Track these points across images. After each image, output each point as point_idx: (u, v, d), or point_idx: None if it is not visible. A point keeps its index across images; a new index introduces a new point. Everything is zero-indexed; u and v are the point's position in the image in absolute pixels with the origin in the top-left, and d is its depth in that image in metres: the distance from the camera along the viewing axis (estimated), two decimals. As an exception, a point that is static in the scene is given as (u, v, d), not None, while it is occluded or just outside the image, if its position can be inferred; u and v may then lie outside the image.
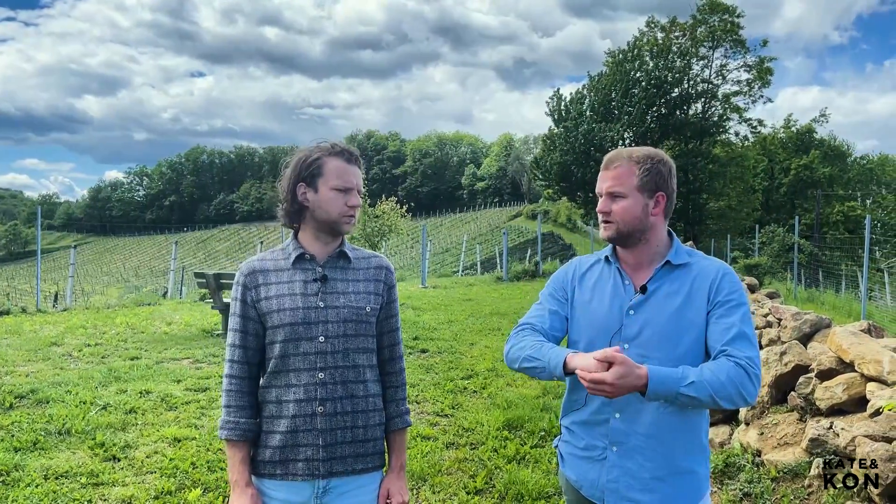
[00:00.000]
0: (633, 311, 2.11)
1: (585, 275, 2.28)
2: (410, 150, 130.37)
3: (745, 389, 1.92)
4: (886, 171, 62.80)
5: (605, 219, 2.15)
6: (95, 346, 9.05)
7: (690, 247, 2.29)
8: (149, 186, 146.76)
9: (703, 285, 2.08)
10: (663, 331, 2.06)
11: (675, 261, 2.14)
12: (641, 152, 2.14)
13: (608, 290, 2.19)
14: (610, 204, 2.13)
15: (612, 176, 2.13)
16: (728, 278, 2.10)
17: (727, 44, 42.37)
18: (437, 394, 6.85)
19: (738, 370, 1.93)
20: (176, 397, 6.45)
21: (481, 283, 20.47)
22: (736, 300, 2.06)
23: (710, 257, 2.20)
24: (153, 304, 14.50)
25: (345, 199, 2.19)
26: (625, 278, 2.18)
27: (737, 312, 2.04)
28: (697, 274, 2.12)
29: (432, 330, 10.66)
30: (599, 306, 2.17)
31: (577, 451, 2.21)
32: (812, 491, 4.03)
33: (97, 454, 4.92)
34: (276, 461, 2.16)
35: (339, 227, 2.21)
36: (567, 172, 37.84)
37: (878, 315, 14.81)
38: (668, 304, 2.08)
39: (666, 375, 1.90)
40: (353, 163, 2.22)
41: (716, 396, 1.89)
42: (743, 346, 1.98)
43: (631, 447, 2.08)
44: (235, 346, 2.22)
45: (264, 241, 41.31)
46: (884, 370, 4.18)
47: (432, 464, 4.93)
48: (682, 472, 2.08)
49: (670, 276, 2.13)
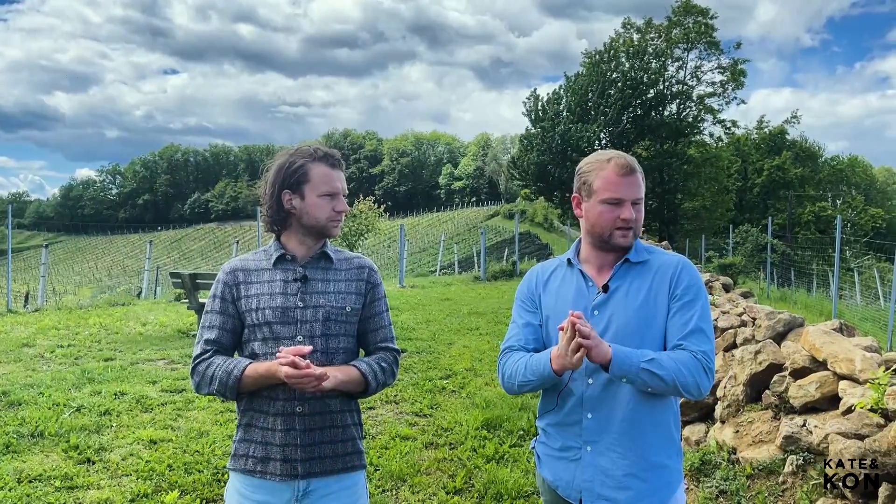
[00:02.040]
0: (597, 311, 2.15)
1: (548, 280, 2.31)
2: (387, 150, 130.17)
3: (700, 381, 2.01)
4: (856, 173, 64.01)
5: (627, 227, 2.15)
6: (68, 347, 8.91)
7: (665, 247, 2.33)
8: (122, 185, 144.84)
9: (664, 280, 2.13)
10: (627, 327, 2.10)
11: (635, 258, 2.18)
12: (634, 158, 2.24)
13: (572, 292, 2.23)
14: (634, 212, 2.15)
15: (639, 182, 2.17)
16: (686, 272, 2.15)
17: (701, 45, 42.92)
18: (416, 394, 6.85)
19: (696, 362, 2.01)
20: (151, 399, 6.38)
21: (459, 283, 20.50)
22: (693, 295, 2.11)
23: (669, 252, 2.25)
24: (127, 304, 14.31)
25: (332, 204, 2.21)
26: (587, 279, 2.21)
27: (694, 307, 2.10)
28: (657, 269, 2.16)
29: (410, 330, 10.65)
30: (565, 308, 2.17)
31: (553, 452, 2.24)
32: (786, 488, 4.10)
33: (71, 457, 4.85)
34: (257, 458, 2.16)
35: (328, 231, 2.24)
36: (544, 172, 38.01)
37: (848, 314, 15.08)
38: (630, 300, 2.13)
39: (629, 352, 1.99)
40: (337, 167, 2.23)
41: (676, 378, 1.97)
42: (699, 341, 2.06)
43: (604, 446, 2.11)
44: (209, 340, 2.20)
45: (240, 241, 41.02)
46: (856, 368, 4.26)
47: (411, 464, 4.93)
48: (654, 467, 2.11)
49: (630, 274, 2.17)
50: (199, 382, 2.18)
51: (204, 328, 2.23)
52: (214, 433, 5.48)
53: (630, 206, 2.13)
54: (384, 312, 2.35)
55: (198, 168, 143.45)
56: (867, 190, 65.58)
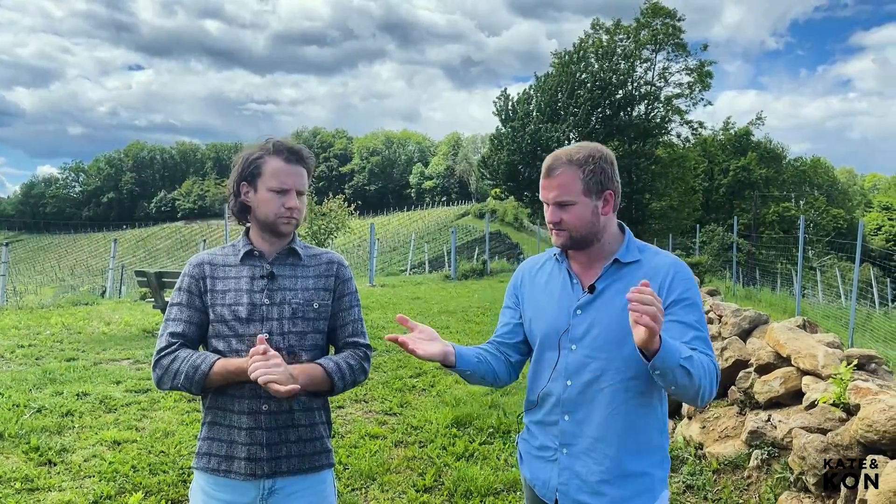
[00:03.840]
0: (580, 311, 2.06)
1: (537, 275, 2.24)
2: (357, 148, 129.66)
3: (714, 389, 1.92)
4: (818, 174, 65.33)
5: (557, 228, 2.06)
6: (29, 347, 8.71)
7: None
8: (85, 182, 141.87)
9: (654, 283, 1.99)
10: (609, 331, 1.99)
11: (625, 258, 2.06)
12: (581, 153, 2.02)
13: (557, 289, 2.14)
14: (559, 213, 2.03)
15: (556, 185, 2.02)
16: (680, 276, 2.02)
17: (669, 47, 43.41)
18: (386, 392, 6.82)
19: (715, 369, 1.91)
20: (115, 399, 6.26)
21: (429, 282, 20.47)
22: (691, 299, 1.99)
23: (662, 252, 2.11)
24: (91, 303, 14.03)
25: (281, 200, 2.14)
26: (573, 277, 2.11)
27: (693, 312, 1.98)
28: (647, 272, 2.02)
29: (380, 329, 10.61)
30: (549, 306, 2.13)
31: (533, 451, 2.19)
32: (751, 482, 4.16)
33: (32, 459, 4.73)
34: (221, 456, 2.12)
35: (277, 227, 2.18)
36: (514, 172, 38.18)
37: (811, 312, 15.37)
38: (615, 303, 2.00)
39: (673, 344, 1.81)
40: (294, 162, 2.17)
41: (703, 379, 1.84)
42: (705, 347, 1.94)
43: (580, 449, 2.05)
44: (174, 333, 2.15)
45: (207, 240, 40.46)
46: (818, 364, 4.33)
47: (381, 462, 4.90)
48: (631, 475, 2.02)
49: (619, 275, 2.05)
50: (160, 376, 2.11)
51: (169, 321, 2.18)
52: (180, 433, 5.39)
53: (556, 208, 2.03)
54: (354, 307, 2.31)
55: (164, 166, 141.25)
56: (829, 191, 67.03)
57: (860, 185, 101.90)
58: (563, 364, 2.06)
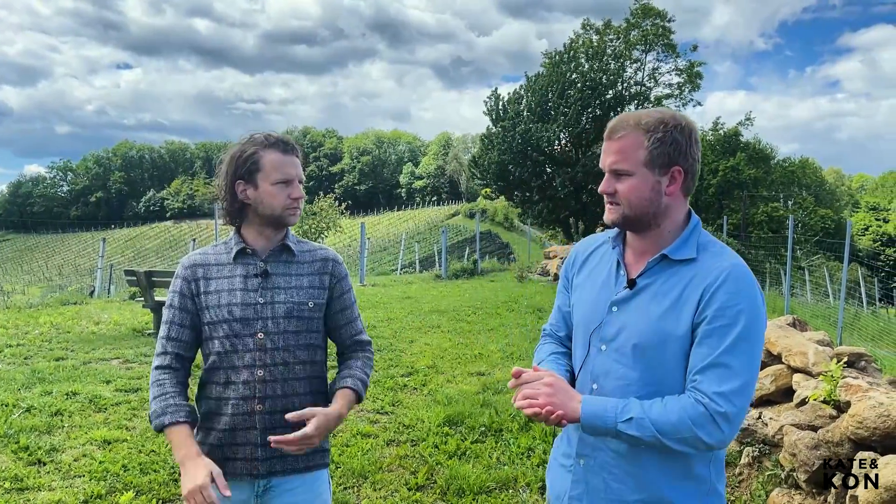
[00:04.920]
0: (616, 308, 1.79)
1: (590, 257, 1.97)
2: (348, 148, 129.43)
3: (705, 432, 1.60)
4: (807, 174, 65.69)
5: (612, 200, 1.78)
6: (17, 346, 8.64)
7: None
8: (73, 182, 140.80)
9: (695, 291, 1.69)
10: (640, 338, 1.73)
11: (675, 255, 1.75)
12: (653, 117, 1.74)
13: (602, 277, 1.88)
14: (614, 183, 1.76)
15: (616, 149, 1.74)
16: (727, 288, 1.66)
17: (659, 48, 43.62)
18: (377, 391, 6.81)
19: (697, 408, 1.61)
20: (105, 398, 6.22)
21: (420, 282, 20.45)
22: (726, 319, 1.64)
23: (727, 252, 1.76)
24: (79, 303, 13.93)
25: (287, 191, 2.13)
26: (621, 267, 1.84)
27: (724, 336, 1.63)
28: (696, 275, 1.71)
29: (371, 328, 10.59)
30: (589, 296, 1.89)
31: (559, 457, 1.97)
32: (743, 479, 4.18)
33: (21, 458, 4.70)
34: (215, 459, 2.10)
35: (284, 220, 2.17)
36: (505, 172, 38.17)
37: (800, 311, 15.47)
38: (653, 306, 1.73)
39: (602, 407, 1.65)
40: (290, 153, 2.15)
41: (662, 438, 1.61)
42: (715, 378, 1.62)
43: (598, 463, 1.80)
44: (170, 339, 2.15)
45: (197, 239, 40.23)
46: (809, 362, 4.36)
47: (373, 461, 4.90)
48: (655, 502, 1.74)
49: (665, 273, 1.76)
50: (150, 385, 2.17)
51: (164, 324, 2.18)
52: (171, 433, 5.36)
53: (611, 176, 1.77)
54: (353, 304, 2.33)
55: (153, 165, 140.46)
56: (817, 191, 67.42)
57: (848, 185, 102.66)
58: (591, 364, 1.83)
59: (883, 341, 14.62)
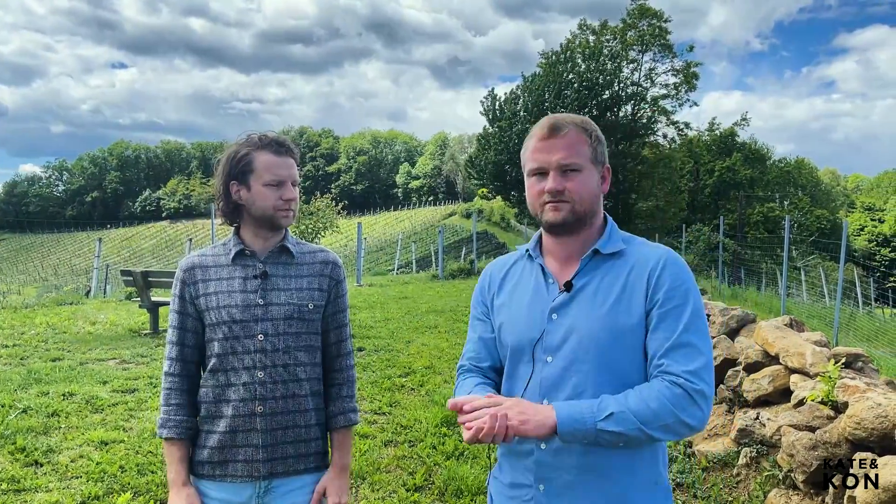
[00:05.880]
0: (556, 315, 1.73)
1: (506, 277, 1.92)
2: (344, 148, 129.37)
3: (687, 413, 1.57)
4: (802, 174, 65.86)
5: (558, 198, 1.73)
6: (13, 346, 8.62)
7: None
8: (69, 181, 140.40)
9: (640, 279, 1.69)
10: (592, 338, 1.67)
11: (606, 249, 1.75)
12: (583, 119, 1.80)
13: (529, 291, 1.82)
14: (562, 181, 1.72)
15: (564, 145, 1.72)
16: (670, 270, 1.69)
17: (655, 48, 43.64)
18: (375, 392, 6.81)
19: (674, 390, 1.57)
20: (102, 399, 6.20)
21: (417, 282, 20.44)
22: (678, 300, 1.66)
23: (651, 243, 1.80)
24: (75, 303, 13.90)
25: (278, 193, 2.12)
26: (548, 276, 1.79)
27: (680, 315, 1.64)
28: (634, 264, 1.72)
29: (368, 328, 10.59)
30: (518, 312, 1.80)
31: (504, 490, 1.83)
32: (740, 479, 4.19)
33: (18, 459, 4.68)
34: (215, 462, 2.11)
35: (277, 221, 2.15)
36: (501, 172, 38.22)
37: (796, 311, 15.50)
38: (597, 303, 1.69)
39: (577, 410, 1.56)
40: (283, 154, 2.14)
41: (646, 428, 1.55)
42: (682, 358, 1.60)
43: (562, 484, 1.70)
44: (174, 343, 2.16)
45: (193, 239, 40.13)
46: (806, 362, 4.37)
47: (371, 462, 4.90)
48: None
49: (600, 269, 1.74)
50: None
51: (169, 328, 2.20)
52: (168, 433, 5.35)
53: (558, 174, 1.72)
54: (346, 309, 2.33)
55: (149, 165, 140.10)
56: (813, 191, 67.59)
57: (843, 185, 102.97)
58: (538, 379, 1.72)
59: (878, 341, 14.65)
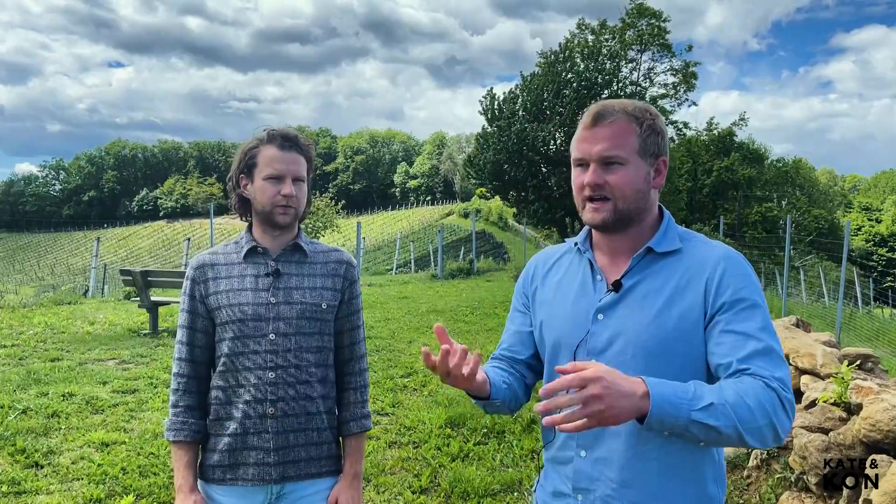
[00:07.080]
0: (602, 315, 1.61)
1: (551, 271, 1.79)
2: (342, 147, 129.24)
3: (780, 422, 1.38)
4: (800, 174, 65.89)
5: (599, 194, 1.58)
6: (12, 347, 8.55)
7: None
8: (66, 181, 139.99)
9: (697, 282, 1.55)
10: (639, 343, 1.54)
11: (660, 248, 1.60)
12: (636, 104, 1.61)
13: (575, 287, 1.69)
14: (602, 174, 1.57)
15: (606, 135, 1.56)
16: (734, 270, 1.54)
17: (654, 48, 43.70)
18: (377, 392, 6.75)
19: (769, 393, 1.38)
20: (102, 400, 6.14)
21: (416, 281, 20.40)
22: (749, 299, 1.51)
23: (711, 241, 1.64)
24: (74, 302, 13.82)
25: (277, 187, 2.05)
26: (596, 272, 1.66)
27: (753, 316, 1.49)
28: (690, 264, 1.58)
29: (369, 328, 10.54)
30: (562, 310, 1.68)
31: (548, 499, 1.72)
32: (751, 482, 4.14)
33: (18, 461, 4.63)
34: (225, 465, 2.05)
35: (273, 217, 2.07)
36: (500, 171, 38.15)
37: (796, 311, 15.47)
38: (647, 306, 1.56)
39: (673, 393, 1.31)
40: (288, 149, 2.08)
41: (741, 427, 1.33)
42: (769, 364, 1.43)
43: (600, 497, 1.59)
44: (183, 343, 2.11)
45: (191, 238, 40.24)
46: (817, 363, 4.33)
47: (375, 464, 4.84)
48: None
49: (653, 269, 1.60)
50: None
51: (179, 328, 2.14)
52: (170, 435, 5.30)
53: (599, 167, 1.57)
54: (360, 311, 2.28)
55: (146, 164, 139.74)
56: (810, 191, 67.65)
57: (840, 185, 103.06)
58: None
59: (879, 341, 14.63)
